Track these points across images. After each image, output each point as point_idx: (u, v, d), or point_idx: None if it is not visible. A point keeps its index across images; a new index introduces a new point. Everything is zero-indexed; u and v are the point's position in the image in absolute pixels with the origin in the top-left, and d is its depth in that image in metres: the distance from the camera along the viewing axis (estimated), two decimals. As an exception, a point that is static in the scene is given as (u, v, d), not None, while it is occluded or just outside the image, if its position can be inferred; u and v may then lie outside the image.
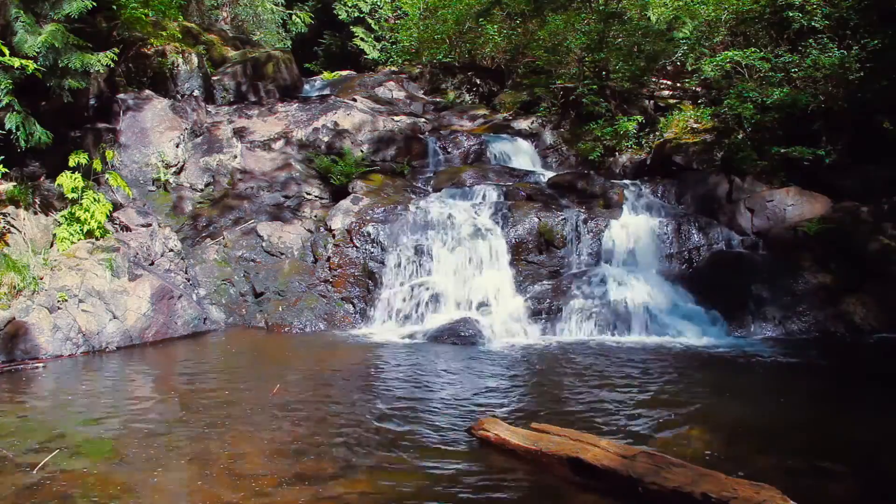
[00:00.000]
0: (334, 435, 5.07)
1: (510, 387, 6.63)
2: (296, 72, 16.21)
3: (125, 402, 6.03)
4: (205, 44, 15.54)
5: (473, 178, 11.59)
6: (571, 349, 8.16)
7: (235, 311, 9.85)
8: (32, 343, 7.62)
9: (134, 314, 8.45)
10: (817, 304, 8.84)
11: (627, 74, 12.77)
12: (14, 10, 8.91)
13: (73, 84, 9.41)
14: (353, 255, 10.04)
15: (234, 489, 4.06)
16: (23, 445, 4.80)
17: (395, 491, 4.08)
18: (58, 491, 4.05)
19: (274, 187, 11.81)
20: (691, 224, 10.09)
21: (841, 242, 9.21)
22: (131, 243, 9.35)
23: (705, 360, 7.59)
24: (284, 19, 26.14)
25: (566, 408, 5.78)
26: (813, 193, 9.96)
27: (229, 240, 10.53)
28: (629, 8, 14.19)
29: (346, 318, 9.63)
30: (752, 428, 5.20)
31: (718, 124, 11.56)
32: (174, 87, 13.15)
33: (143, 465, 4.47)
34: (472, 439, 4.87)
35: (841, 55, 9.99)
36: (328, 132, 12.73)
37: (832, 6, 10.45)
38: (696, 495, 3.64)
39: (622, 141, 12.42)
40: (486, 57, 17.14)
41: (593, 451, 4.23)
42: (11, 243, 8.62)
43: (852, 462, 4.51)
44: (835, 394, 6.38)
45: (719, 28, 12.22)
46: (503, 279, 9.62)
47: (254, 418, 5.44)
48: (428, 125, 13.99)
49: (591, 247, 9.99)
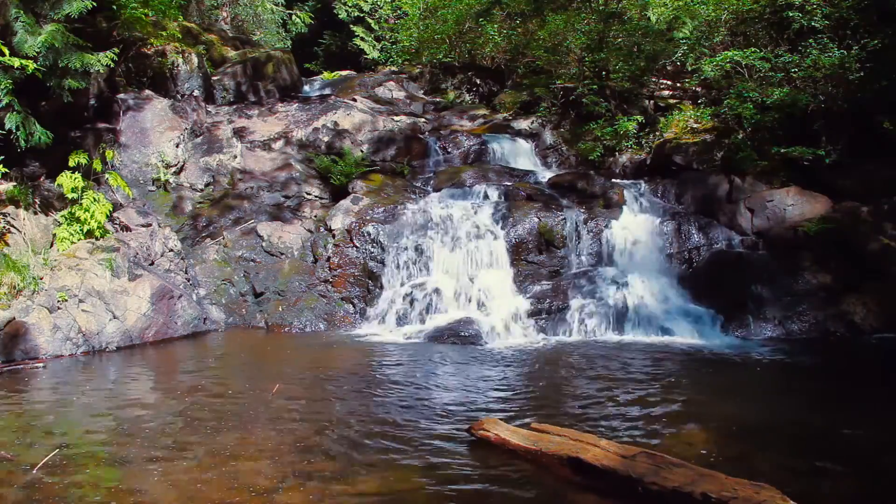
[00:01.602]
0: (334, 435, 5.07)
1: (510, 387, 6.63)
2: (296, 72, 16.21)
3: (125, 401, 6.03)
4: (205, 44, 15.54)
5: (473, 178, 11.58)
6: (571, 349, 8.16)
7: (235, 311, 9.85)
8: (32, 343, 7.62)
9: (134, 314, 8.45)
10: (817, 304, 8.83)
11: (627, 74, 12.77)
12: (14, 10, 8.91)
13: (73, 84, 9.41)
14: (353, 255, 10.04)
15: (234, 489, 4.06)
16: (23, 445, 4.81)
17: (395, 491, 4.08)
18: (58, 491, 4.05)
19: (274, 187, 11.82)
20: (691, 224, 10.09)
21: (841, 242, 9.21)
22: (131, 243, 9.36)
23: (705, 359, 7.59)
24: (284, 19, 26.14)
25: (566, 408, 5.78)
26: (813, 193, 9.95)
27: (229, 240, 10.54)
28: (629, 8, 14.18)
29: (346, 318, 9.63)
30: (752, 428, 5.20)
31: (718, 124, 11.56)
32: (174, 87, 13.15)
33: (143, 464, 4.47)
34: (472, 439, 4.87)
35: (841, 55, 9.98)
36: (328, 132, 12.74)
37: (832, 6, 10.44)
38: (696, 495, 3.64)
39: (622, 141, 12.42)
40: (486, 57, 17.14)
41: (593, 451, 4.24)
42: (11, 243, 8.62)
43: (852, 462, 4.51)
44: (835, 394, 6.38)
45: (719, 28, 12.21)
46: (503, 279, 9.62)
47: (254, 418, 5.44)
48: (428, 125, 13.99)
49: (591, 247, 9.99)
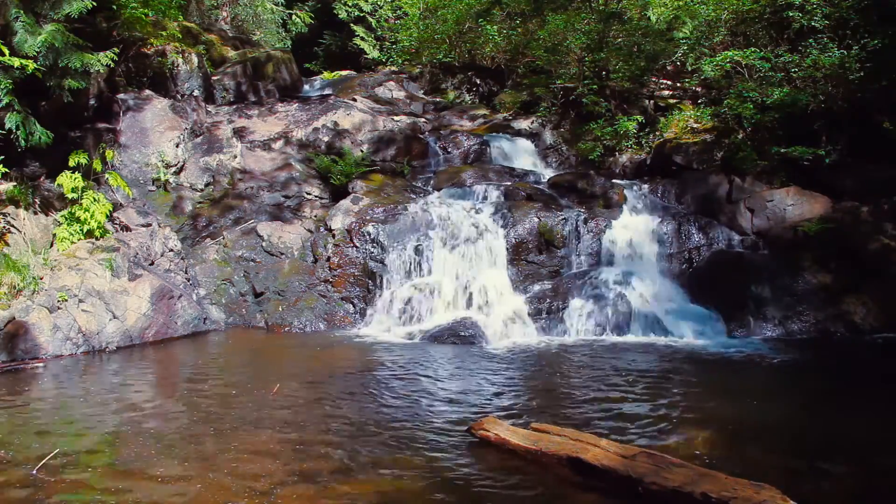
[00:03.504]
0: (334, 435, 5.07)
1: (510, 387, 6.63)
2: (296, 72, 16.21)
3: (125, 401, 6.03)
4: (205, 44, 15.53)
5: (473, 178, 11.59)
6: (571, 349, 8.16)
7: (235, 311, 9.85)
8: (33, 343, 7.62)
9: (134, 314, 8.45)
10: (817, 304, 8.84)
11: (627, 74, 12.76)
12: (14, 10, 8.91)
13: (73, 84, 9.41)
14: (353, 255, 10.04)
15: (234, 489, 4.06)
16: (23, 445, 4.81)
17: (395, 490, 4.09)
18: (58, 491, 4.05)
19: (274, 187, 11.81)
20: (691, 224, 10.09)
21: (841, 242, 9.21)
22: (131, 243, 9.36)
23: (705, 359, 7.59)
24: (284, 19, 26.12)
25: (566, 408, 5.78)
26: (813, 193, 9.95)
27: (229, 240, 10.53)
28: (629, 8, 14.19)
29: (346, 317, 9.63)
30: (752, 428, 5.20)
31: (718, 124, 11.55)
32: (174, 87, 13.15)
33: (143, 464, 4.47)
34: (472, 439, 4.87)
35: (841, 55, 9.98)
36: (328, 132, 12.74)
37: (832, 6, 10.43)
38: (696, 495, 3.64)
39: (622, 141, 12.42)
40: (486, 57, 17.12)
41: (593, 450, 4.24)
42: (11, 243, 8.62)
43: (852, 462, 4.52)
44: (834, 394, 6.38)
45: (719, 28, 12.20)
46: (503, 279, 9.62)
47: (254, 418, 5.44)
48: (428, 125, 13.98)
49: (591, 247, 9.99)
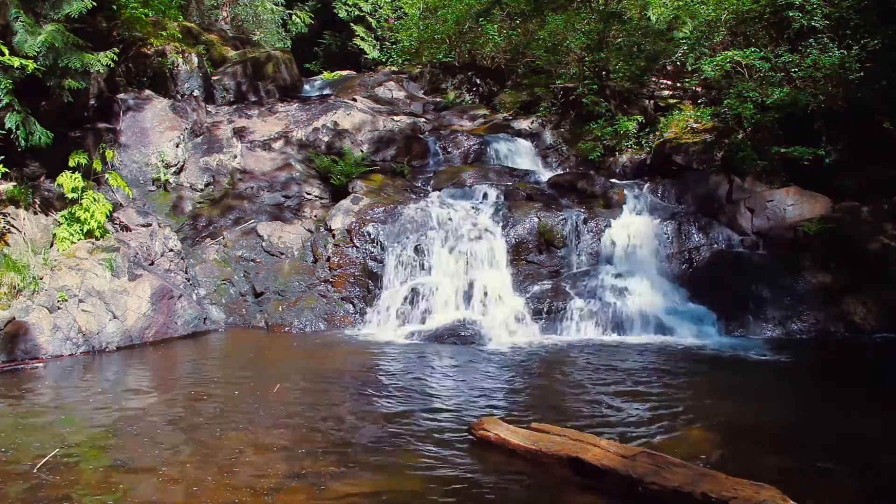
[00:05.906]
0: (335, 435, 5.07)
1: (510, 387, 6.63)
2: (296, 72, 16.21)
3: (125, 401, 6.03)
4: (205, 44, 15.54)
5: (473, 178, 11.58)
6: (571, 349, 8.16)
7: (235, 311, 9.85)
8: (32, 343, 7.62)
9: (134, 314, 8.45)
10: (817, 304, 8.84)
11: (627, 74, 12.76)
12: (14, 10, 8.90)
13: (73, 84, 9.40)
14: (353, 255, 10.04)
15: (234, 489, 4.06)
16: (23, 445, 4.81)
17: (395, 490, 4.09)
18: (58, 491, 4.05)
19: (274, 187, 11.81)
20: (691, 224, 10.09)
21: (841, 242, 9.21)
22: (131, 243, 9.36)
23: (705, 359, 7.59)
24: (284, 19, 26.12)
25: (566, 408, 5.78)
26: (813, 193, 9.95)
27: (229, 240, 10.53)
28: (629, 8, 14.18)
29: (346, 318, 9.63)
30: (752, 428, 5.20)
31: (718, 124, 11.55)
32: (174, 87, 13.15)
33: (144, 464, 4.47)
34: (472, 439, 4.87)
35: (841, 55, 9.98)
36: (328, 132, 12.73)
37: (832, 6, 10.43)
38: (696, 495, 3.64)
39: (622, 141, 12.42)
40: (486, 57, 17.12)
41: (593, 450, 4.24)
42: (11, 243, 8.62)
43: (852, 462, 4.51)
44: (834, 394, 6.38)
45: (719, 28, 12.20)
46: (503, 279, 9.62)
47: (254, 418, 5.45)
48: (428, 125, 13.98)
49: (592, 247, 10.00)
